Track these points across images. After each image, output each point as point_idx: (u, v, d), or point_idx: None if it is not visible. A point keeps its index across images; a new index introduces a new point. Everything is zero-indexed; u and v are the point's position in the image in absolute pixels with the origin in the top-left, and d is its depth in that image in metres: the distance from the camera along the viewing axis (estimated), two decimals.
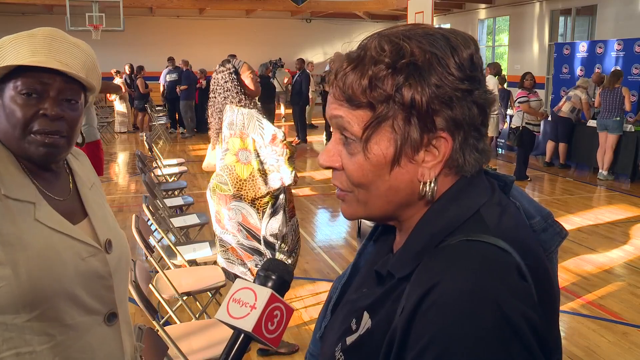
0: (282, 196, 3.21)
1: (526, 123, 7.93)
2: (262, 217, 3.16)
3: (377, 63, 0.72)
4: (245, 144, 3.11)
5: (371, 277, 0.82)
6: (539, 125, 8.29)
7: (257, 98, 3.32)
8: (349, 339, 0.77)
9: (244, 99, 3.17)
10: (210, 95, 3.29)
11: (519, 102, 7.92)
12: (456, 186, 0.76)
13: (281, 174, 3.11)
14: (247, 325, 0.75)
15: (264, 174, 3.12)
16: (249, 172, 3.12)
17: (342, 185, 0.79)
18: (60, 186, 1.28)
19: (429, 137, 0.73)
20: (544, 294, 0.70)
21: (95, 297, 1.23)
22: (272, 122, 3.21)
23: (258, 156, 3.10)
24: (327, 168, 0.80)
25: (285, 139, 3.09)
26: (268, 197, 3.16)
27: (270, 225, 3.17)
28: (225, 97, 3.18)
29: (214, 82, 3.23)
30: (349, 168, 0.77)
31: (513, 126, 8.12)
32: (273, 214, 3.18)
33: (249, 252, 3.23)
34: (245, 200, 3.14)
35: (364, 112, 0.74)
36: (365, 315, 0.77)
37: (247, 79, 3.21)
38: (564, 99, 9.08)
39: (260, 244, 3.20)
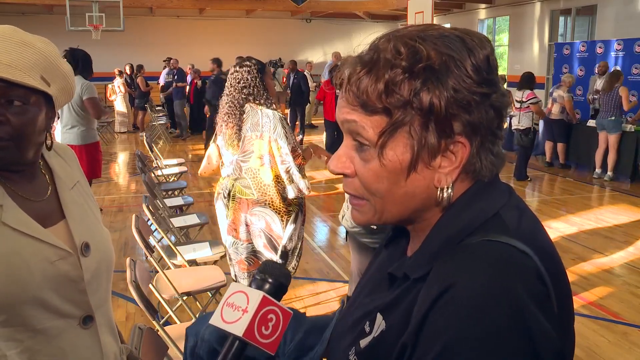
0: (302, 204, 3.19)
1: (534, 124, 8.00)
2: (286, 225, 3.11)
3: (393, 67, 0.70)
4: (270, 147, 3.01)
5: (384, 280, 0.81)
6: (538, 124, 8.37)
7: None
8: (363, 342, 0.76)
9: (268, 98, 3.07)
10: (225, 92, 3.12)
11: (530, 103, 7.94)
12: (473, 189, 0.75)
13: (299, 185, 3.05)
14: (238, 330, 0.73)
15: (281, 183, 3.06)
16: (272, 176, 3.04)
17: (356, 192, 0.77)
18: (36, 187, 1.23)
19: (447, 142, 0.71)
20: (562, 298, 0.69)
21: (67, 300, 1.19)
22: None
23: (283, 163, 3.01)
24: (339, 174, 0.77)
25: (299, 155, 3.03)
26: (292, 205, 3.11)
27: (288, 230, 3.13)
28: (248, 94, 3.04)
29: (234, 77, 3.08)
30: (363, 175, 0.74)
31: (522, 127, 8.06)
32: (294, 221, 3.14)
33: (260, 261, 3.16)
34: (271, 207, 3.06)
35: (379, 118, 0.71)
36: (379, 317, 0.76)
37: (269, 80, 3.15)
38: (550, 101, 9.04)
39: (276, 253, 3.13)
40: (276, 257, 3.13)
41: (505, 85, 9.99)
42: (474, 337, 0.62)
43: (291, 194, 3.07)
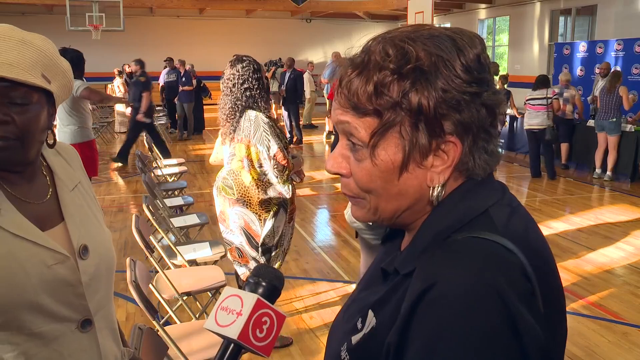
0: (286, 202, 3.21)
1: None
2: (264, 224, 3.15)
3: (382, 69, 0.71)
4: (249, 152, 3.05)
5: (378, 275, 0.82)
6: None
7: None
8: (355, 338, 0.77)
9: (268, 99, 3.10)
10: (226, 92, 3.09)
11: (554, 99, 8.20)
12: (464, 187, 0.76)
13: (279, 190, 3.10)
14: (233, 332, 0.73)
15: (263, 184, 3.09)
16: (251, 179, 3.09)
17: (351, 193, 0.78)
18: (35, 189, 1.22)
19: (438, 142, 0.72)
20: (550, 296, 0.69)
21: (64, 304, 1.18)
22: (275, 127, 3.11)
23: (260, 167, 3.06)
24: (335, 174, 0.79)
25: (285, 158, 3.03)
26: (272, 204, 3.14)
27: (266, 227, 3.15)
28: (250, 96, 3.04)
29: (235, 76, 3.05)
30: (357, 174, 0.76)
31: (551, 125, 8.20)
32: (274, 216, 3.17)
33: (248, 257, 3.23)
34: (249, 207, 3.12)
35: (371, 119, 0.73)
36: (370, 313, 0.76)
37: (264, 80, 3.15)
38: (561, 102, 9.02)
39: (257, 251, 3.18)
40: (258, 255, 3.18)
41: (505, 86, 10.00)
42: (461, 333, 0.62)
43: (272, 193, 3.12)
